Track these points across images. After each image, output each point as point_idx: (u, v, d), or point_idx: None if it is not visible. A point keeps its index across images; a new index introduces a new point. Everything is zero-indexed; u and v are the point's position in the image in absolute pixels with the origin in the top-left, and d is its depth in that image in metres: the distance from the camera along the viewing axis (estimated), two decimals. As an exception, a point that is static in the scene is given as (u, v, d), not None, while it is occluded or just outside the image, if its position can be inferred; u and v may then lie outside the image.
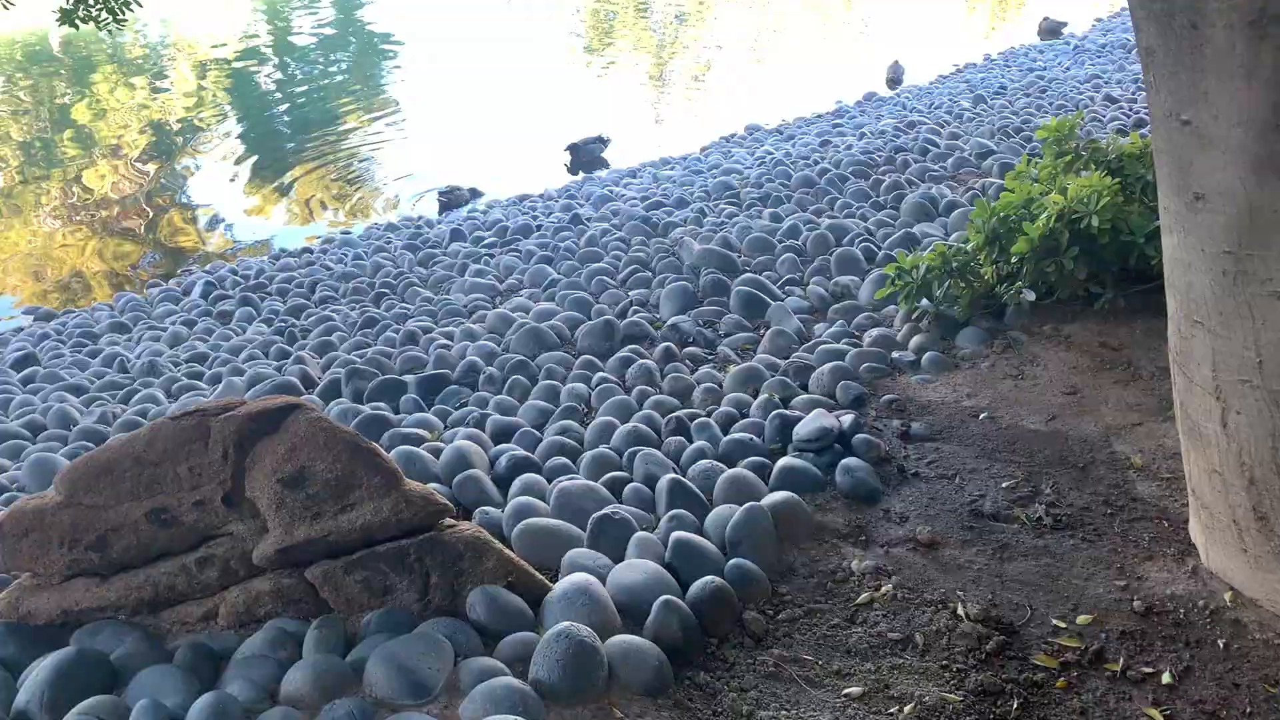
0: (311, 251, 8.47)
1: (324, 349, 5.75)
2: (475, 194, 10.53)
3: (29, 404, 5.37)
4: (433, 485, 3.53)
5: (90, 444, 4.69)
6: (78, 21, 7.42)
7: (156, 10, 7.73)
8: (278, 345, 5.88)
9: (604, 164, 11.36)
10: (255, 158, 12.68)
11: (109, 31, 7.50)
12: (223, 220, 10.84)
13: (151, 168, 12.33)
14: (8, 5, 7.70)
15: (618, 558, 3.27)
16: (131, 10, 7.53)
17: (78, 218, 10.74)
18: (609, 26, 20.57)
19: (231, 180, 11.82)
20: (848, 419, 3.99)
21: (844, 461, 3.74)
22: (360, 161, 12.43)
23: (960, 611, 3.07)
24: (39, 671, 2.78)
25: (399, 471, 3.09)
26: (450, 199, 10.30)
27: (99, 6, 7.34)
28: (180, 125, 14.27)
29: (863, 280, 5.66)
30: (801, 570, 3.31)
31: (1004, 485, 3.71)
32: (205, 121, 14.54)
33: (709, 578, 3.06)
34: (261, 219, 10.78)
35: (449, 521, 3.18)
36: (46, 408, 5.21)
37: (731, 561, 3.19)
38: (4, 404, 5.44)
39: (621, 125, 12.78)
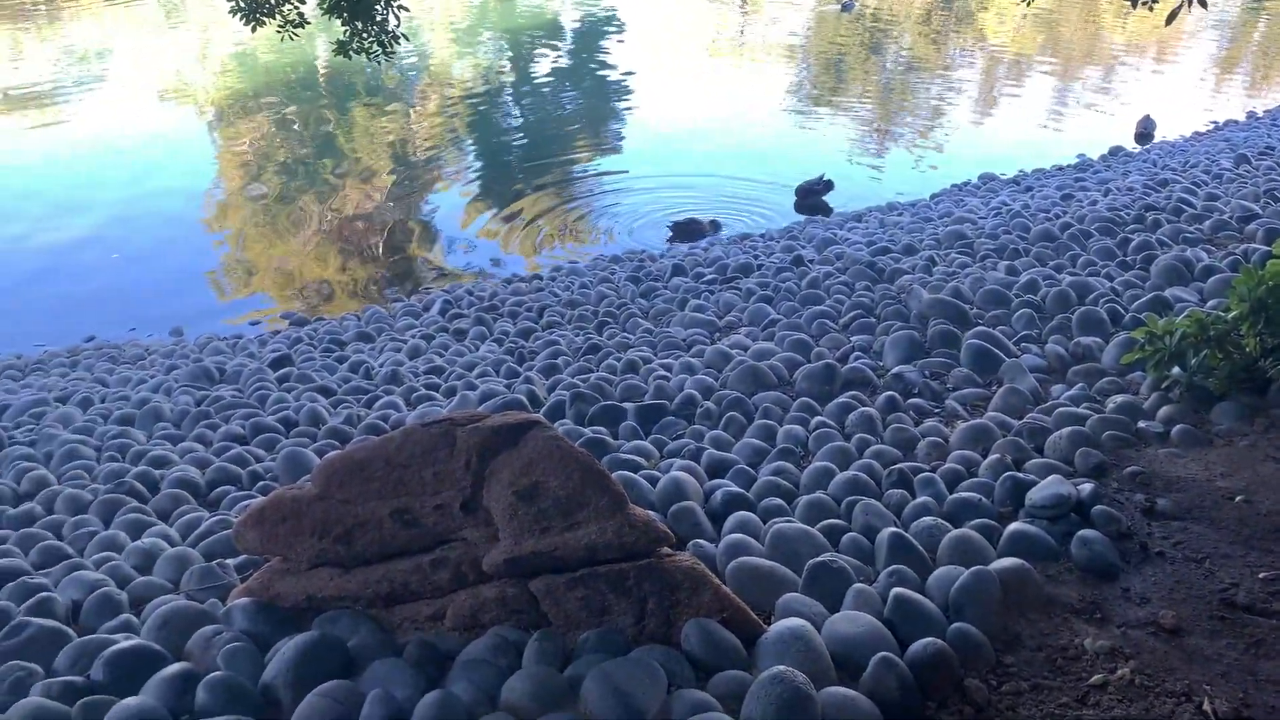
0: (541, 278, 8.83)
1: (549, 371, 5.96)
2: (716, 226, 10.66)
3: (283, 401, 5.84)
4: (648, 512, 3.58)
5: (336, 443, 5.04)
6: (351, 53, 8.09)
7: (416, 45, 8.34)
8: (508, 365, 6.14)
9: (827, 207, 11.28)
10: (489, 185, 13.38)
11: (377, 62, 8.11)
12: (456, 243, 11.46)
13: (395, 191, 13.22)
14: (292, 36, 8.44)
15: (833, 607, 3.20)
16: (398, 44, 8.12)
17: (326, 234, 11.65)
18: (839, 68, 20.52)
19: (465, 206, 12.50)
20: (1087, 488, 3.76)
21: (1081, 533, 3.52)
22: (588, 193, 12.87)
23: (1207, 708, 2.82)
24: (285, 651, 2.99)
25: (625, 496, 3.15)
26: (686, 230, 10.46)
27: (371, 40, 7.97)
28: (423, 152, 15.25)
29: (1106, 342, 5.34)
30: (1029, 642, 3.13)
31: (1261, 576, 3.39)
32: (446, 149, 15.48)
33: (930, 639, 2.95)
34: (492, 243, 11.33)
35: (666, 550, 3.22)
36: (299, 406, 5.65)
37: (954, 625, 3.05)
38: (261, 400, 5.93)
39: (846, 169, 12.68)
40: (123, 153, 15.13)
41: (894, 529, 3.56)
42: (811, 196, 11.44)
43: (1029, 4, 11.35)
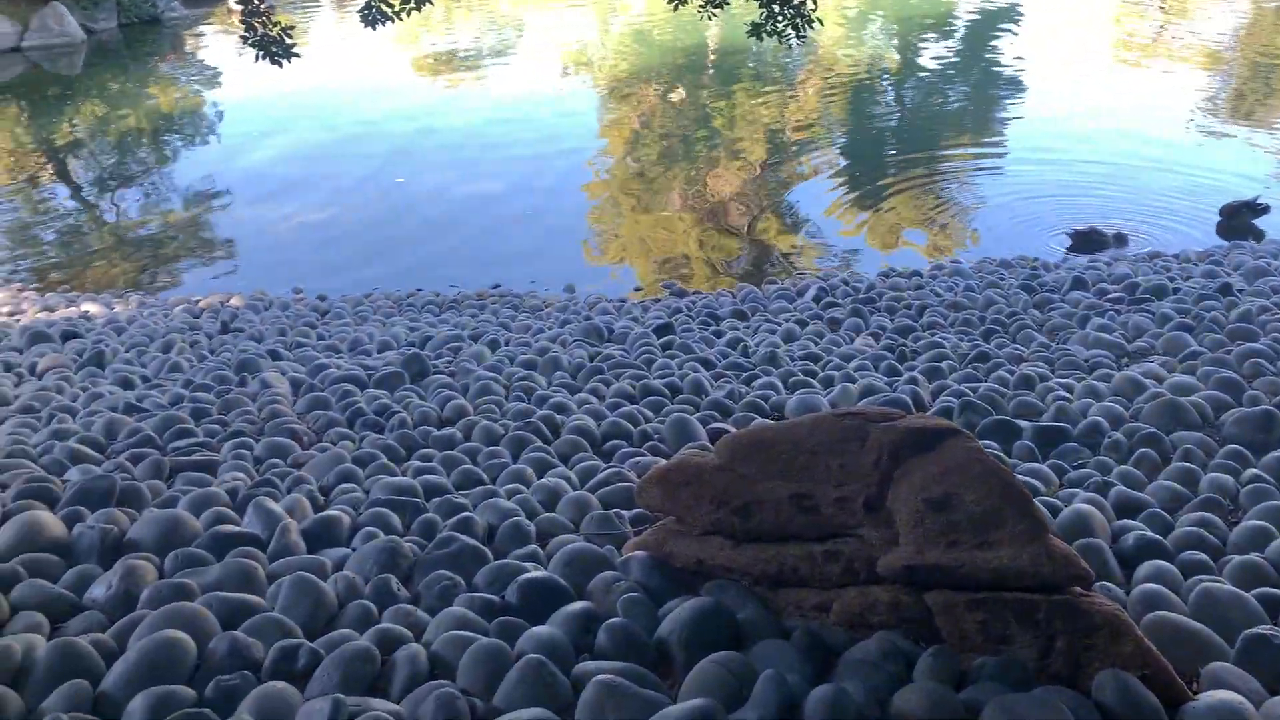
0: (920, 275, 8.55)
1: (932, 374, 5.74)
2: (1122, 239, 9.83)
3: (666, 368, 6.07)
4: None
5: (717, 414, 5.17)
6: (764, 34, 8.19)
7: (826, 31, 8.34)
8: (888, 362, 6.00)
9: (1257, 232, 9.99)
10: (859, 175, 13.12)
11: (789, 45, 8.16)
12: (822, 230, 11.36)
13: (764, 173, 13.33)
14: (711, 15, 8.68)
15: (1272, 688, 2.81)
16: (812, 27, 8.11)
17: (697, 210, 11.97)
18: (1269, 76, 18.08)
19: (834, 193, 12.35)
20: None
21: None
22: (966, 191, 12.27)
23: None
24: (681, 611, 3.09)
25: (1046, 522, 2.94)
26: (1086, 240, 9.72)
27: (786, 23, 8.01)
28: (796, 136, 15.25)
29: None
30: None
31: None
32: (819, 135, 15.38)
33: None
34: (858, 235, 11.13)
35: (1078, 589, 2.97)
36: (682, 374, 5.85)
37: None
38: (647, 363, 6.20)
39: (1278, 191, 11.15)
40: (527, 119, 16.45)
41: (1356, 615, 3.07)
42: (1239, 218, 10.16)
43: None
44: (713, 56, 21.92)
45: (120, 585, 3.38)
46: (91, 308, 8.45)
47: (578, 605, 3.19)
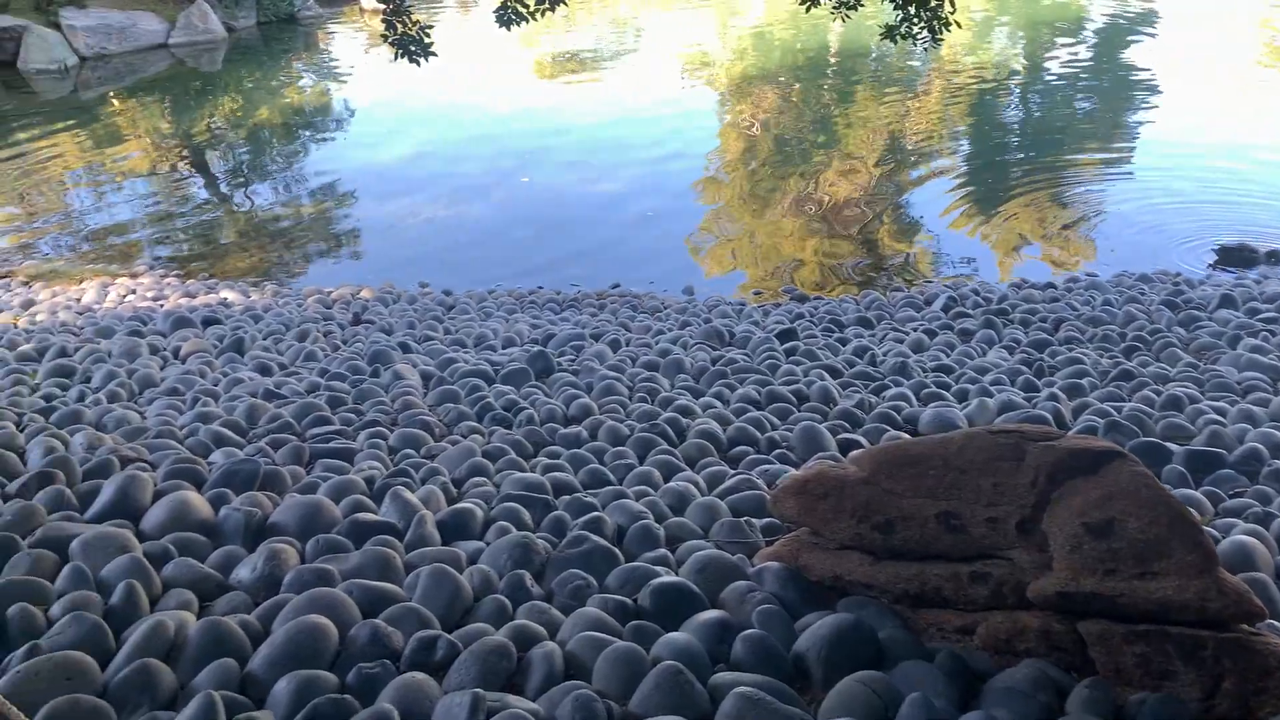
0: (1055, 287, 8.25)
1: (1073, 391, 5.52)
2: (1274, 257, 9.31)
3: (791, 374, 5.98)
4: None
5: (847, 424, 5.06)
6: (898, 37, 8.01)
7: (952, 35, 8.06)
8: (1024, 376, 5.79)
9: None
10: (981, 182, 12.74)
11: (924, 49, 7.96)
12: (942, 238, 11.05)
13: (882, 178, 13.04)
14: (846, 17, 8.52)
15: None
16: (949, 30, 7.90)
17: (812, 213, 11.77)
18: None
19: (954, 200, 12.01)
20: None
21: None
22: (1096, 201, 11.79)
23: None
24: (820, 626, 3.02)
25: (1216, 555, 2.78)
26: (1234, 256, 9.24)
27: (922, 25, 7.82)
28: (916, 141, 14.89)
29: None
30: None
31: None
32: (940, 140, 14.99)
33: None
34: (981, 243, 10.80)
35: (1246, 626, 2.80)
36: (809, 381, 5.75)
37: None
38: (771, 369, 6.12)
39: None
40: (646, 120, 16.50)
41: None
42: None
43: None
44: (834, 59, 21.63)
45: (265, 567, 3.47)
46: (230, 295, 8.78)
47: (712, 614, 3.15)
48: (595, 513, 3.92)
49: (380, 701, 2.78)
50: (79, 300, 8.55)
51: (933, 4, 7.76)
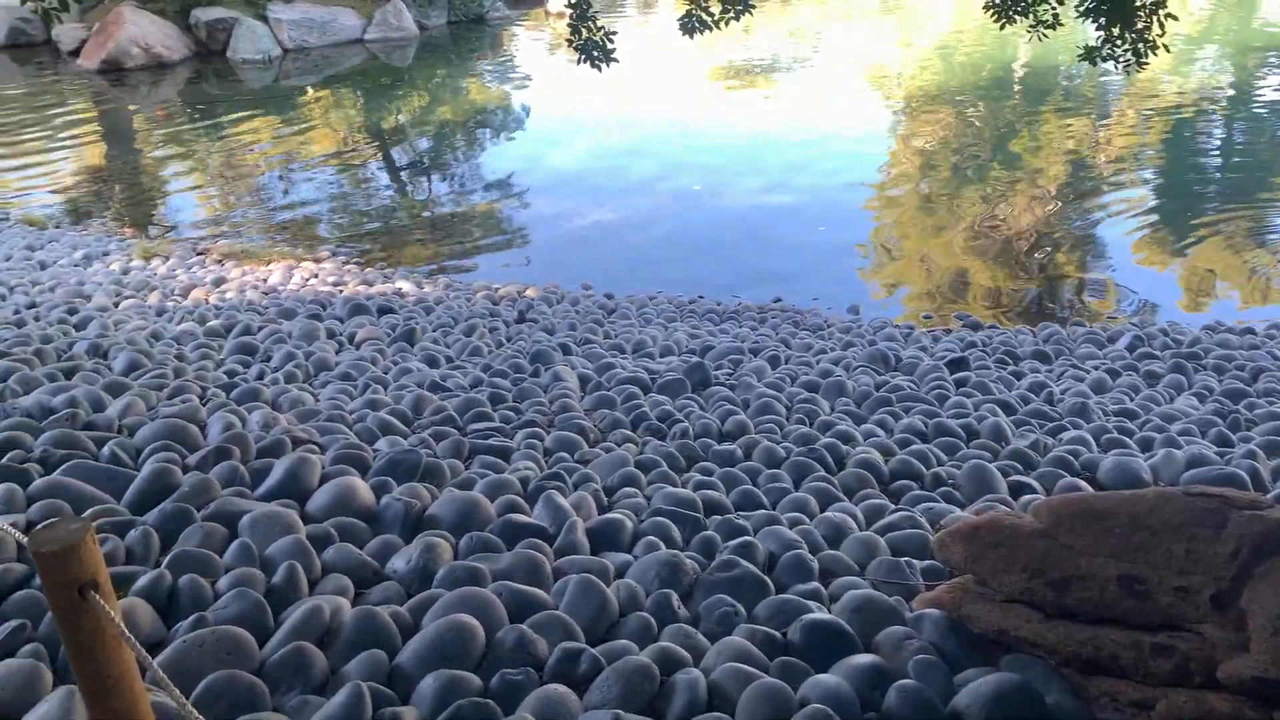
0: (1255, 333, 7.64)
1: (1272, 450, 5.07)
2: None
3: (961, 407, 5.72)
4: None
5: (1019, 466, 4.79)
6: (1099, 59, 7.60)
7: (1158, 58, 7.47)
8: (1217, 429, 5.36)
9: None
10: (1173, 214, 11.91)
11: (1127, 71, 7.53)
12: (1127, 272, 10.38)
13: (1064, 206, 12.37)
14: (1043, 36, 8.15)
15: None
16: (1155, 53, 7.44)
17: (987, 239, 11.27)
18: None
19: (1141, 233, 11.29)
20: None
21: None
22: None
23: None
24: (981, 684, 2.84)
25: None
26: None
27: (1126, 48, 7.39)
28: (1104, 168, 14.08)
29: None
30: None
31: None
32: (1130, 168, 14.09)
33: None
34: (1168, 279, 10.13)
35: None
36: (979, 416, 5.48)
37: None
38: (939, 399, 5.87)
39: None
40: (819, 133, 16.24)
41: None
42: None
43: None
44: (1020, 77, 20.79)
45: (420, 560, 3.53)
46: (404, 285, 9.10)
47: (865, 658, 3.01)
48: (747, 537, 3.82)
49: (520, 710, 2.77)
50: (265, 281, 9.03)
51: (1139, 26, 7.33)
